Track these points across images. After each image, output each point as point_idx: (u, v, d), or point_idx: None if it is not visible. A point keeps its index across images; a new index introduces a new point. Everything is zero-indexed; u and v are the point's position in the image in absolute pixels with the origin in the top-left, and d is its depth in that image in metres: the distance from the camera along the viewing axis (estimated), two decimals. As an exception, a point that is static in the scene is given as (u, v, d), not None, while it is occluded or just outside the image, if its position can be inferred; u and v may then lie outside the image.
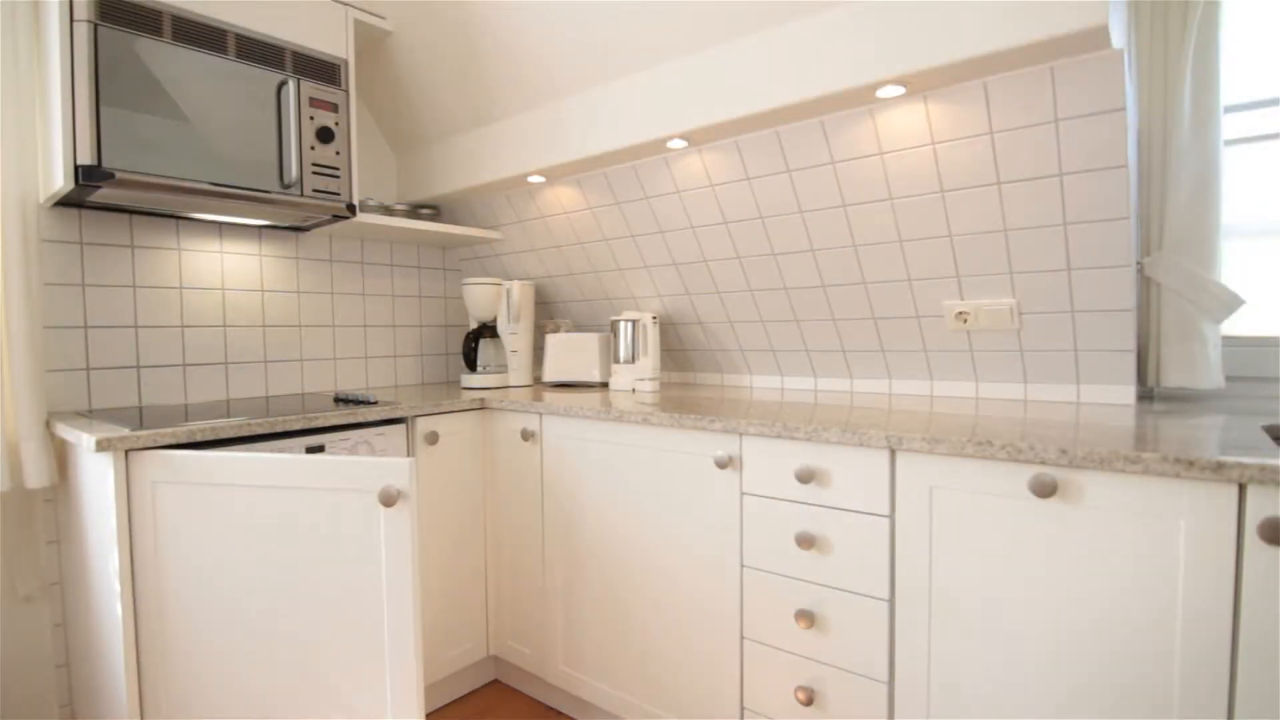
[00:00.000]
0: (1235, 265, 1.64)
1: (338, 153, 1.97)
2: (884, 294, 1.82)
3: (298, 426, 1.66)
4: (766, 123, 1.71)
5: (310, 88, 1.91)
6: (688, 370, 2.46)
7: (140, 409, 1.86)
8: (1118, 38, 1.29)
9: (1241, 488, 0.97)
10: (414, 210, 2.54)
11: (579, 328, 2.72)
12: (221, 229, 2.13)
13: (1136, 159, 1.60)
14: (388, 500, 1.31)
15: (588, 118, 2.00)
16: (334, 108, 1.96)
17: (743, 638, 1.54)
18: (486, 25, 2.03)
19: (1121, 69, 1.29)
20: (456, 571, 2.03)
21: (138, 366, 1.96)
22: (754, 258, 2.01)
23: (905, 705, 1.31)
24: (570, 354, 2.43)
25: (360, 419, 1.79)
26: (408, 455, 1.92)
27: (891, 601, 1.32)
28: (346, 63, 2.00)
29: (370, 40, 2.29)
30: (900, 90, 1.49)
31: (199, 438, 1.50)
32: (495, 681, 2.20)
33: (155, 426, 1.48)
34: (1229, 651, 0.98)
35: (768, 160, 1.81)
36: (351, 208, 2.01)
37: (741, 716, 1.55)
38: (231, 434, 1.55)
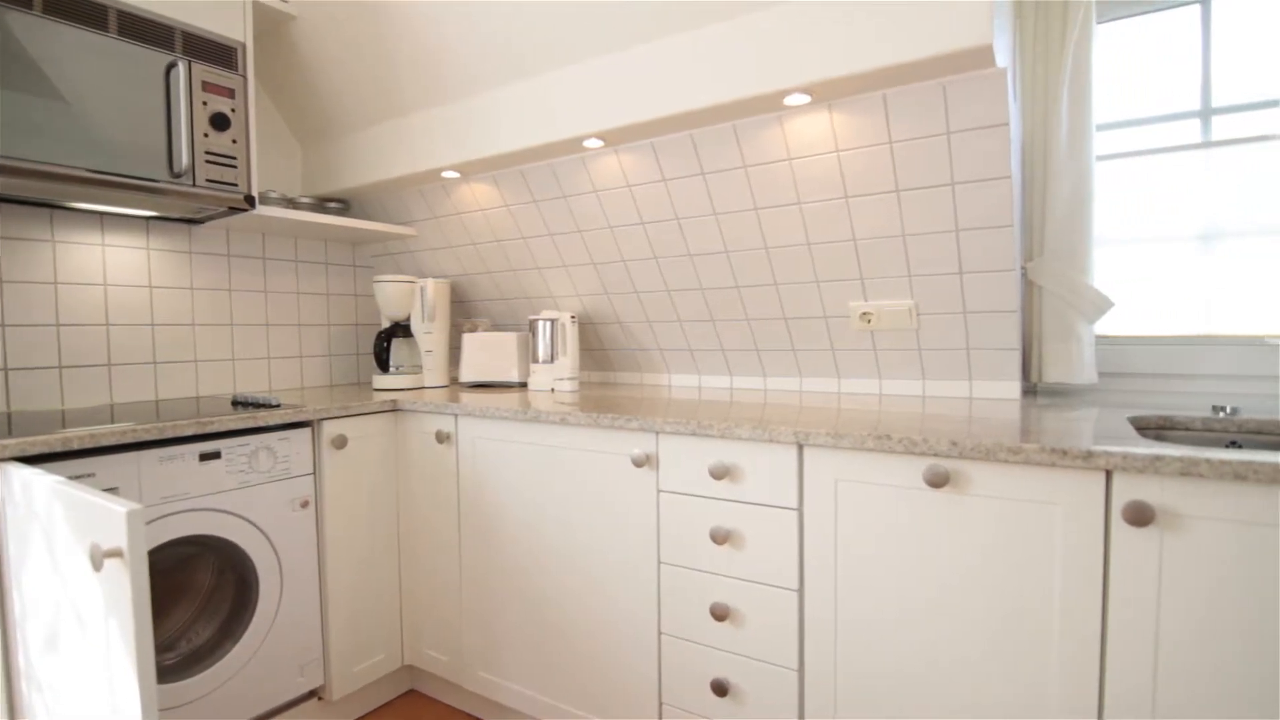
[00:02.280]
0: (1106, 270, 1.79)
1: (234, 141, 1.87)
2: (794, 295, 1.88)
3: (190, 432, 1.56)
4: (681, 125, 1.74)
5: (203, 71, 1.80)
6: (607, 370, 2.46)
7: (9, 415, 1.70)
8: (1002, 58, 1.38)
9: (1108, 474, 1.06)
10: (320, 204, 2.43)
11: (497, 327, 2.68)
12: (103, 220, 1.97)
13: (1020, 171, 1.72)
14: (95, 563, 1.01)
15: (503, 113, 1.97)
16: (230, 93, 1.86)
17: (660, 634, 1.56)
18: (397, 13, 1.96)
19: (1005, 87, 1.39)
20: (368, 581, 1.96)
21: (5, 369, 1.79)
22: (670, 258, 2.03)
23: (814, 691, 1.36)
24: (488, 354, 2.39)
25: (261, 423, 1.70)
26: (313, 460, 1.84)
27: (800, 591, 1.37)
28: (244, 46, 1.89)
29: (271, 24, 2.18)
30: (806, 99, 1.55)
31: (75, 445, 1.38)
32: (412, 691, 2.14)
33: (26, 434, 1.36)
34: (1099, 627, 1.07)
35: (683, 162, 1.83)
36: (250, 199, 1.91)
37: (660, 712, 1.57)
38: (114, 441, 1.44)
